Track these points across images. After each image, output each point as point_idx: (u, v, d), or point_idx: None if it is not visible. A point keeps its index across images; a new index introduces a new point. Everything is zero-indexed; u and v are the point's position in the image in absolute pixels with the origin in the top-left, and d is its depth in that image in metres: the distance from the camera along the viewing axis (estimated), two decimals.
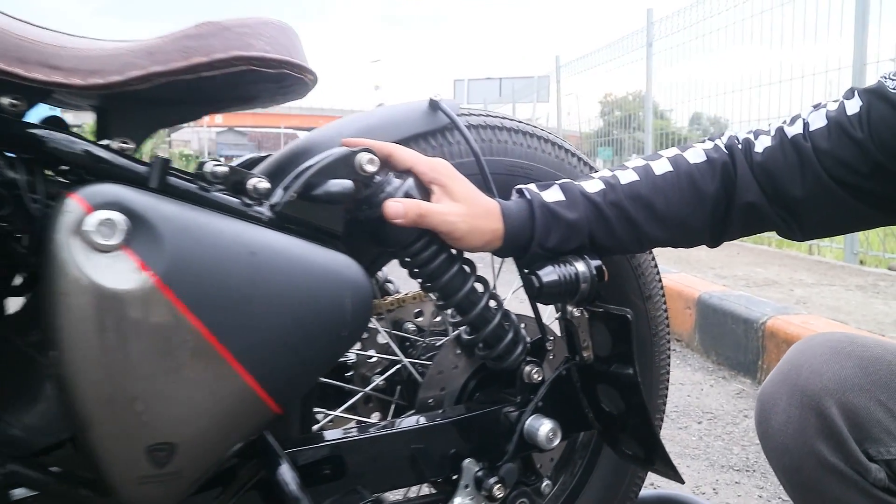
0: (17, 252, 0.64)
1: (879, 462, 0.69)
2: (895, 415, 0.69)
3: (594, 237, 0.76)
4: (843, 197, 0.73)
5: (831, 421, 0.70)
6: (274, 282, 0.58)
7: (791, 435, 0.72)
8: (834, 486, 0.71)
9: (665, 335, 1.07)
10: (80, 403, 0.54)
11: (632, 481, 1.07)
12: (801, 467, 0.73)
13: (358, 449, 0.75)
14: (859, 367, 0.71)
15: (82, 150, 0.61)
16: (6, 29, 0.60)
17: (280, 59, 0.63)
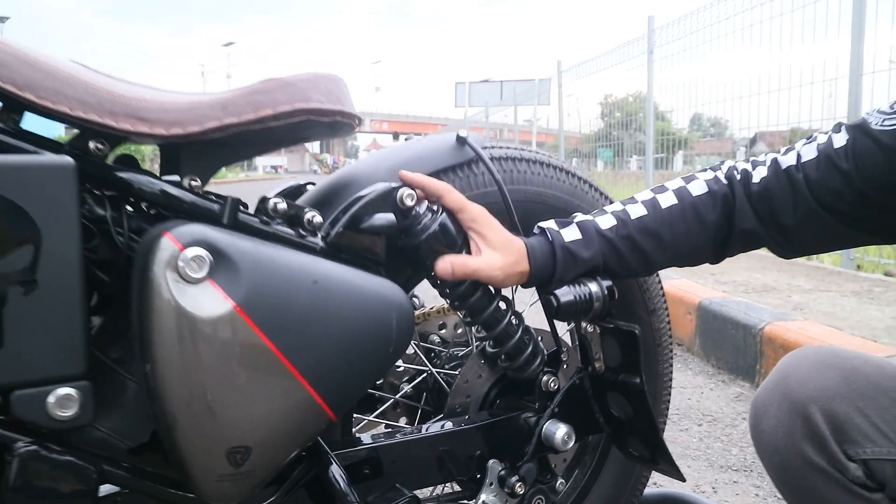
0: (97, 278, 0.73)
1: (857, 461, 0.78)
2: (871, 420, 0.78)
3: (607, 267, 0.86)
4: (831, 221, 0.82)
5: (815, 425, 0.79)
6: (332, 307, 0.67)
7: (780, 437, 0.81)
8: (818, 482, 0.80)
9: (668, 345, 1.16)
10: (170, 411, 0.63)
11: (638, 480, 1.16)
12: (789, 466, 0.82)
13: (394, 451, 0.84)
14: (841, 377, 0.80)
15: (161, 191, 0.70)
16: (96, 84, 0.69)
17: (334, 110, 0.72)
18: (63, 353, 0.63)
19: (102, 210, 0.70)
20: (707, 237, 0.87)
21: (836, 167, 0.81)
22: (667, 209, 0.86)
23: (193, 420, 0.62)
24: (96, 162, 0.70)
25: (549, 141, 13.80)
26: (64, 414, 0.63)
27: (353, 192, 0.79)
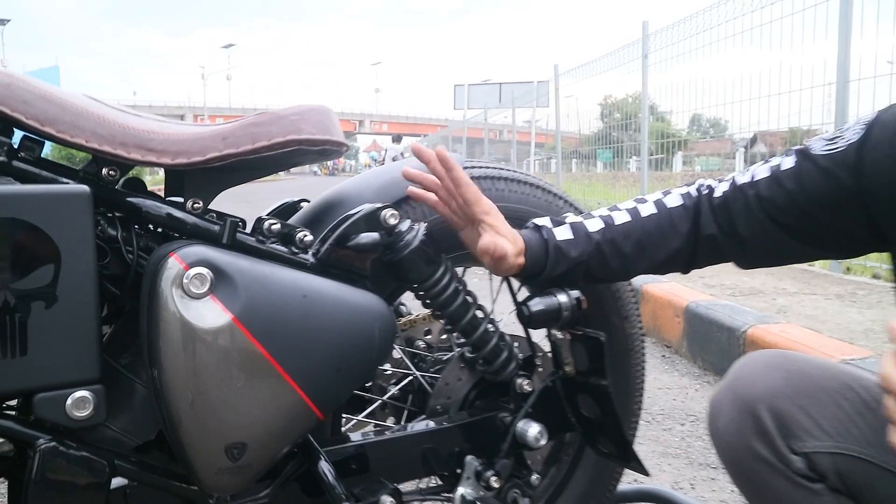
0: (109, 291, 0.81)
1: (800, 455, 0.86)
2: (812, 417, 0.85)
3: (590, 268, 0.94)
4: (780, 234, 0.90)
5: (763, 422, 0.86)
6: (320, 318, 0.75)
7: (732, 434, 0.89)
8: (766, 474, 0.88)
9: (640, 349, 1.24)
10: (174, 411, 0.70)
11: (611, 476, 1.23)
12: (740, 460, 0.89)
13: (379, 448, 0.92)
14: (786, 379, 0.87)
15: (167, 214, 0.78)
16: (107, 117, 0.77)
17: (323, 139, 0.80)
18: (79, 360, 0.71)
19: (114, 231, 0.78)
20: (680, 244, 0.95)
21: (783, 186, 0.89)
22: (646, 217, 0.95)
23: (195, 419, 0.70)
24: (108, 187, 0.78)
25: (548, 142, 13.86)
26: (80, 414, 0.71)
27: (341, 212, 0.87)
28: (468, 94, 18.15)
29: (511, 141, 13.85)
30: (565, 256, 0.91)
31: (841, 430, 0.86)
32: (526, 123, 14.63)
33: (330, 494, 0.83)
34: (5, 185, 0.68)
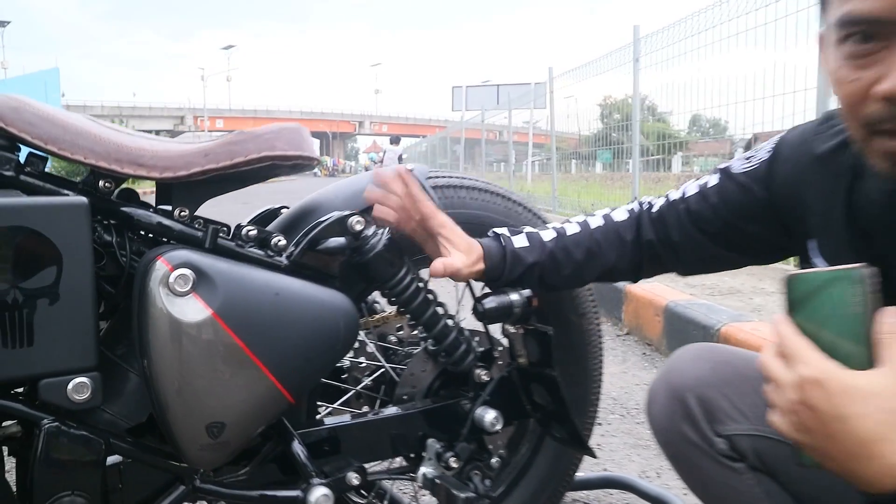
0: (105, 290, 0.91)
1: (723, 437, 0.96)
2: (734, 403, 0.95)
3: (544, 274, 1.03)
4: (707, 243, 1.01)
5: (690, 408, 0.96)
6: (291, 313, 0.85)
7: (665, 419, 0.99)
8: (694, 455, 0.98)
9: (598, 344, 1.34)
10: (162, 395, 0.81)
11: (570, 462, 1.33)
12: (671, 442, 0.99)
13: (349, 431, 1.02)
14: (711, 369, 0.97)
15: (157, 222, 0.88)
16: (103, 136, 0.87)
17: (294, 155, 0.91)
18: (78, 350, 0.81)
19: (110, 236, 0.88)
20: (625, 252, 1.05)
21: (708, 201, 0.99)
22: (595, 228, 1.05)
23: (180, 401, 0.80)
24: (104, 198, 0.88)
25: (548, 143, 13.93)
26: (79, 398, 0.81)
27: (314, 218, 0.97)
28: (466, 96, 18.27)
29: (510, 142, 13.93)
30: (521, 261, 1.01)
31: (758, 415, 0.95)
32: (526, 124, 14.70)
33: (301, 472, 0.94)
34: (14, 198, 0.78)
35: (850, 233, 0.83)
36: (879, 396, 0.58)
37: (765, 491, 0.97)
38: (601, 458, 1.94)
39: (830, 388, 0.59)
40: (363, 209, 1.01)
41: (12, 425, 0.88)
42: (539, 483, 1.30)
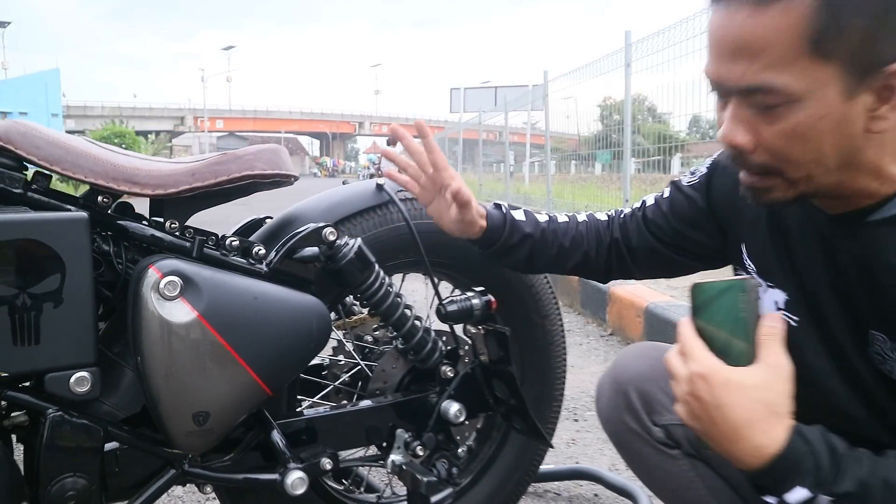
0: (103, 294, 1.01)
1: (660, 426, 1.06)
2: (669, 396, 1.05)
3: (533, 251, 1.11)
4: (659, 248, 1.11)
5: (632, 401, 1.07)
6: (268, 315, 0.95)
7: (610, 410, 1.10)
8: (636, 443, 1.08)
9: (561, 344, 1.44)
10: (153, 387, 0.91)
11: (535, 453, 1.44)
12: (616, 432, 1.10)
13: (325, 422, 1.13)
14: (650, 365, 1.08)
15: (149, 234, 0.99)
16: (101, 157, 0.98)
17: (272, 174, 1.01)
18: (80, 347, 0.91)
19: (107, 246, 0.99)
20: (601, 250, 1.15)
21: (661, 209, 1.10)
22: (580, 222, 1.15)
23: (169, 393, 0.91)
24: (102, 212, 0.99)
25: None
26: (80, 390, 0.91)
27: (292, 229, 1.08)
28: (464, 98, 18.39)
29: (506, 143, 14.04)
30: (519, 230, 1.10)
31: None
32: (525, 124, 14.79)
33: (280, 458, 1.04)
34: (22, 214, 0.89)
35: (772, 233, 0.93)
36: (751, 389, 0.69)
37: (698, 475, 1.08)
38: (576, 452, 2.05)
39: (712, 382, 0.69)
40: (336, 221, 1.11)
41: (20, 415, 0.98)
42: (506, 472, 1.41)
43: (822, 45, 0.67)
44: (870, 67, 0.69)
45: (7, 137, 0.93)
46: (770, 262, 0.93)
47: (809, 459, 0.68)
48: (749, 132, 0.75)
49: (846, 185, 0.78)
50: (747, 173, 0.80)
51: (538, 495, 1.77)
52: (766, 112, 0.73)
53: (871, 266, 0.80)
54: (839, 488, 0.67)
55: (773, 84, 0.70)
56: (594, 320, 3.70)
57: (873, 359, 0.84)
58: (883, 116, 0.71)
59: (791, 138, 0.73)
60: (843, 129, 0.72)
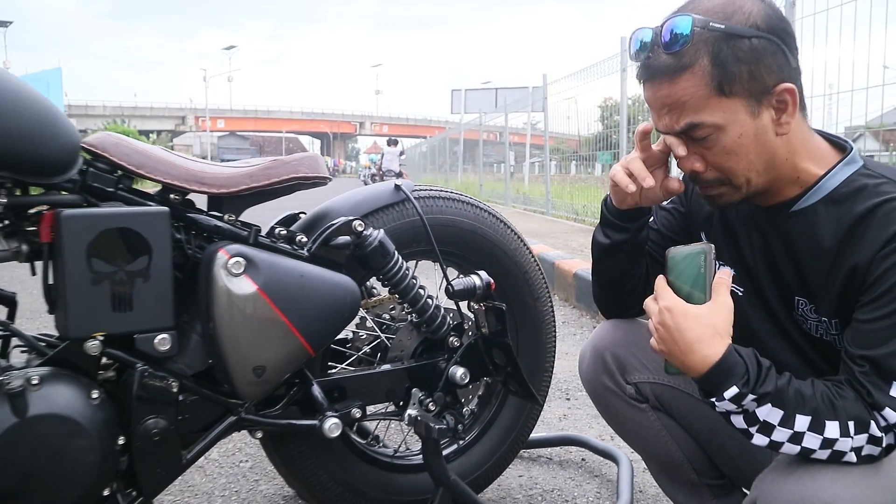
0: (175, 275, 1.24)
1: (631, 384, 1.29)
2: (639, 359, 1.28)
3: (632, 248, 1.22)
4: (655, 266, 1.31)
5: (608, 364, 1.30)
6: (311, 290, 1.19)
7: (590, 372, 1.33)
8: (611, 399, 1.31)
9: (551, 323, 1.67)
10: (222, 346, 1.14)
11: (529, 416, 1.67)
12: (595, 390, 1.33)
13: (352, 381, 1.36)
14: (623, 335, 1.31)
15: (213, 225, 1.22)
16: (176, 162, 1.21)
17: (313, 176, 1.25)
18: (162, 314, 1.14)
19: (178, 235, 1.22)
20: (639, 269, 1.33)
21: (654, 230, 1.30)
22: None
23: (235, 351, 1.14)
24: (176, 207, 1.22)
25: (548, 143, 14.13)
26: (162, 349, 1.14)
27: (326, 222, 1.31)
28: (465, 99, 18.62)
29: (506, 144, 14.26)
30: None
31: (657, 367, 1.29)
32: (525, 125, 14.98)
33: (318, 407, 1.27)
34: (119, 208, 1.12)
35: (721, 224, 1.17)
36: (702, 317, 0.95)
37: (663, 425, 1.31)
38: (567, 425, 2.28)
39: (675, 313, 0.95)
40: (363, 214, 1.35)
41: (109, 370, 1.21)
42: (503, 433, 1.64)
43: (722, 88, 0.95)
44: (762, 92, 0.97)
45: (103, 147, 1.17)
46: (720, 246, 1.16)
47: (741, 367, 0.93)
48: (698, 160, 1.02)
49: (774, 182, 1.03)
50: (704, 187, 1.06)
51: (532, 460, 2.00)
52: (704, 142, 1.00)
53: (793, 246, 1.05)
54: (761, 389, 0.92)
55: (699, 121, 0.98)
56: (588, 313, 3.93)
57: (797, 320, 1.08)
58: (785, 122, 0.99)
59: (726, 155, 1.00)
60: (759, 139, 0.99)
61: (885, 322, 0.93)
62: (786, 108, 0.97)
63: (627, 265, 1.24)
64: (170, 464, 1.18)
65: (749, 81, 0.95)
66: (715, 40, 0.94)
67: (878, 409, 0.93)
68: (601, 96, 8.85)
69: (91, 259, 1.08)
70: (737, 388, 0.93)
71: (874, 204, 0.96)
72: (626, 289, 1.28)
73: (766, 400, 0.93)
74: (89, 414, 1.08)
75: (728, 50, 0.94)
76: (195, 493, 1.78)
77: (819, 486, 0.93)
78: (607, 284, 1.30)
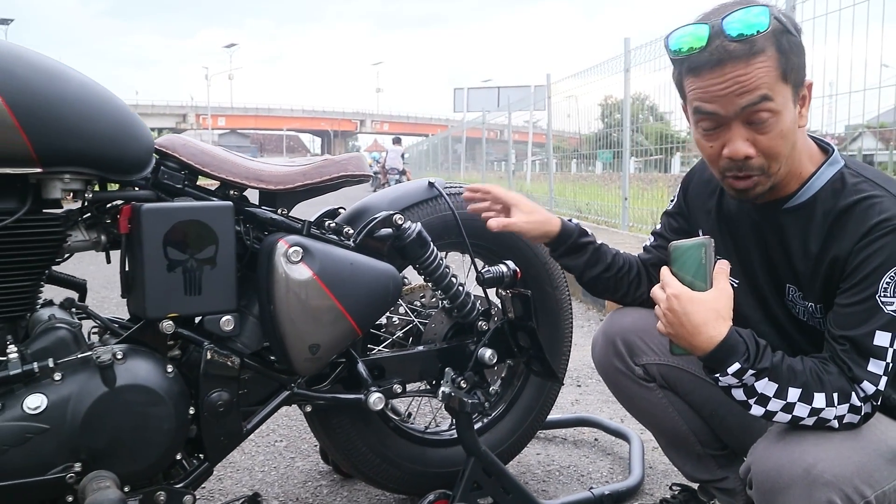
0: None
1: (639, 366, 1.42)
2: (646, 342, 1.41)
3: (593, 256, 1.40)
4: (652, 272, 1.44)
5: (618, 347, 1.43)
6: (359, 276, 1.32)
7: (602, 356, 1.46)
8: (622, 380, 1.45)
9: (568, 310, 1.80)
10: (281, 326, 1.28)
11: (548, 396, 1.80)
12: (607, 372, 1.46)
13: (391, 361, 1.50)
14: (632, 321, 1.44)
15: (269, 217, 1.35)
16: (237, 161, 1.34)
17: (359, 174, 1.38)
18: (226, 298, 1.27)
19: (238, 227, 1.35)
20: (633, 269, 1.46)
21: (663, 236, 1.43)
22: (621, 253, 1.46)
23: (293, 330, 1.27)
24: (236, 201, 1.35)
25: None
26: (227, 329, 1.28)
27: (369, 216, 1.44)
28: (467, 98, 18.74)
29: (509, 142, 14.39)
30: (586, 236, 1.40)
31: (662, 350, 1.42)
32: (527, 123, 15.07)
33: (363, 383, 1.41)
34: (190, 202, 1.25)
35: (719, 220, 1.30)
36: (707, 302, 1.06)
37: (670, 402, 1.44)
38: (579, 410, 2.42)
39: (682, 299, 1.06)
40: (402, 209, 1.48)
41: (174, 348, 1.34)
42: (525, 411, 1.77)
43: (786, 76, 1.06)
44: (800, 84, 1.09)
45: (173, 147, 1.30)
46: (718, 240, 1.29)
47: (742, 345, 1.05)
48: (750, 145, 1.09)
49: (787, 175, 1.14)
50: (741, 179, 1.12)
51: (548, 440, 2.13)
52: (761, 126, 1.07)
53: (784, 239, 1.17)
54: (759, 365, 1.05)
55: (769, 105, 1.06)
56: (594, 307, 4.06)
57: (788, 305, 1.21)
58: (804, 115, 1.12)
59: (780, 139, 1.09)
60: (794, 129, 1.11)
61: (861, 306, 1.06)
62: (804, 102, 1.10)
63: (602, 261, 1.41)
64: (232, 433, 1.31)
65: (798, 73, 1.07)
66: (779, 32, 1.05)
67: (857, 382, 1.06)
68: (602, 94, 8.93)
69: (166, 248, 1.22)
70: (739, 365, 1.05)
71: (854, 201, 1.09)
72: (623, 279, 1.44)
73: (764, 374, 1.06)
74: (166, 385, 1.22)
75: (786, 42, 1.05)
76: (236, 468, 1.92)
77: (804, 450, 1.06)
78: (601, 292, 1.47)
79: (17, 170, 1.10)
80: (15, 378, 1.12)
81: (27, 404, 1.11)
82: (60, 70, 1.15)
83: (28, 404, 1.11)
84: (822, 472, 1.03)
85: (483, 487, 1.50)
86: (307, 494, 1.76)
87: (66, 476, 1.13)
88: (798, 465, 1.05)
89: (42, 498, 1.15)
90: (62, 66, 1.16)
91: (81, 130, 1.14)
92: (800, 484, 1.04)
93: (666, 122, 7.77)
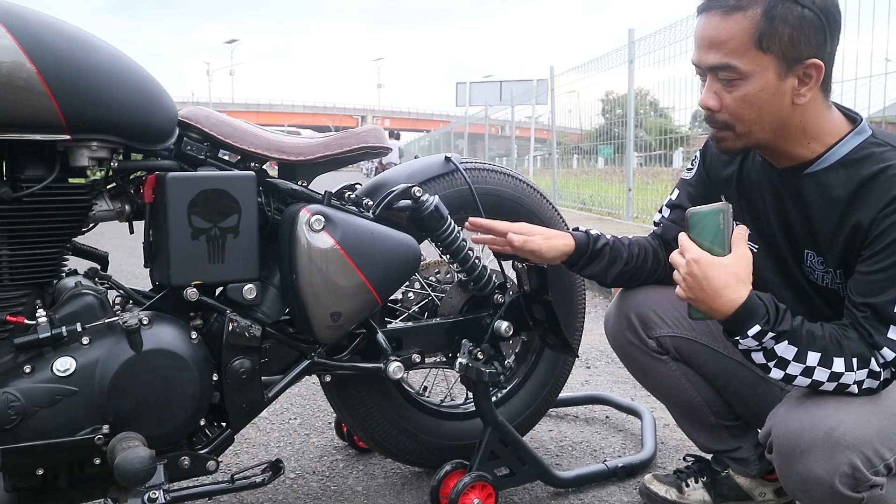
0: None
1: (653, 339, 1.43)
2: (660, 315, 1.42)
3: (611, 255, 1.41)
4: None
5: (632, 321, 1.45)
6: (380, 245, 1.34)
7: (616, 330, 1.48)
8: (636, 353, 1.46)
9: (581, 286, 1.82)
10: (303, 294, 1.29)
11: (562, 371, 1.82)
12: (621, 346, 1.48)
13: (409, 332, 1.52)
14: (644, 295, 1.45)
15: (290, 188, 1.37)
16: (258, 133, 1.36)
17: (378, 146, 1.40)
18: (249, 266, 1.29)
19: (259, 198, 1.37)
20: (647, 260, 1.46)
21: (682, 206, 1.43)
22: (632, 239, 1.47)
23: (315, 298, 1.29)
24: (258, 172, 1.37)
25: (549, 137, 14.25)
26: (250, 297, 1.30)
27: (388, 188, 1.46)
28: (469, 92, 18.73)
29: (512, 137, 14.40)
30: (600, 239, 1.41)
31: (676, 323, 1.44)
32: (528, 119, 15.07)
33: (383, 353, 1.43)
34: (216, 172, 1.27)
35: (738, 185, 1.31)
36: (727, 266, 1.08)
37: (683, 374, 1.46)
38: (589, 390, 2.43)
39: (702, 263, 1.08)
40: (420, 182, 1.50)
41: (197, 318, 1.36)
42: (539, 385, 1.79)
43: (762, 42, 1.07)
44: (795, 60, 1.09)
45: (196, 119, 1.32)
46: (736, 206, 1.31)
47: (762, 308, 1.07)
48: (717, 99, 1.14)
49: (780, 144, 1.17)
50: (713, 129, 1.18)
51: (560, 417, 2.16)
52: (728, 84, 1.11)
53: (805, 204, 1.19)
54: (779, 328, 1.06)
55: (732, 64, 1.09)
56: (600, 294, 4.08)
57: (806, 271, 1.23)
58: (803, 94, 1.11)
59: (742, 102, 1.12)
60: (776, 100, 1.12)
61: (883, 274, 1.07)
62: (808, 81, 1.10)
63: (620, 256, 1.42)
64: (254, 400, 1.33)
65: (787, 45, 1.07)
66: None
67: (877, 349, 1.08)
68: (603, 90, 8.94)
69: (190, 216, 1.23)
70: (759, 327, 1.07)
71: (879, 169, 1.10)
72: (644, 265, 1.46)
73: (784, 337, 1.08)
74: (191, 351, 1.24)
75: (781, 9, 1.05)
76: (252, 444, 1.94)
77: (825, 413, 1.08)
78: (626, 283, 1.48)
79: (47, 136, 1.12)
80: (44, 341, 1.13)
81: (56, 367, 1.13)
82: (89, 39, 1.17)
83: (57, 367, 1.14)
84: (843, 435, 1.05)
85: (500, 457, 1.52)
86: (323, 468, 1.78)
87: (94, 437, 1.15)
88: (819, 428, 1.07)
89: (71, 459, 1.17)
90: (90, 36, 1.18)
91: (110, 99, 1.16)
92: (821, 446, 1.06)
93: (667, 117, 7.79)
